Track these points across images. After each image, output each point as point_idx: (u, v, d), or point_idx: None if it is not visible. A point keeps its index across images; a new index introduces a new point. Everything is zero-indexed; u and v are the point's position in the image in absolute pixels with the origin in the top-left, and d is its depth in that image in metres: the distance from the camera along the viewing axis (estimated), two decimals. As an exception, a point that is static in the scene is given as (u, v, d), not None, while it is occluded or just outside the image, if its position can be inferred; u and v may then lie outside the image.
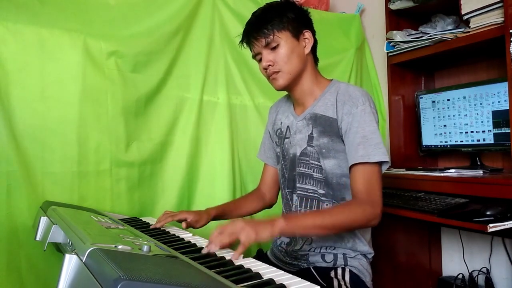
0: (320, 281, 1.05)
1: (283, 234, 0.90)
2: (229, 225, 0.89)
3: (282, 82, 1.12)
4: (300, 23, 1.13)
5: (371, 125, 1.05)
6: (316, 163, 1.13)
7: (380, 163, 1.05)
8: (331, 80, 1.20)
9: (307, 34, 1.14)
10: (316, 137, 1.14)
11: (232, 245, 0.89)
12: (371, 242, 1.17)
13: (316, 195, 1.14)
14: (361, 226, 1.06)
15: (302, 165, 1.16)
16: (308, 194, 1.15)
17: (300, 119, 1.19)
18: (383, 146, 1.04)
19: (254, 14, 1.15)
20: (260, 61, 1.14)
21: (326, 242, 1.12)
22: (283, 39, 1.09)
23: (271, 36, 1.08)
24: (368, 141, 1.03)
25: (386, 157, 1.03)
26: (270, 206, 1.38)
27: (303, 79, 1.15)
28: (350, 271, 1.08)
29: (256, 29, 1.10)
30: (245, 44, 1.17)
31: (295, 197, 1.19)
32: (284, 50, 1.09)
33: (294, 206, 1.19)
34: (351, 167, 1.06)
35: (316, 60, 1.20)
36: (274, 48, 1.10)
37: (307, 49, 1.14)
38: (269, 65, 1.10)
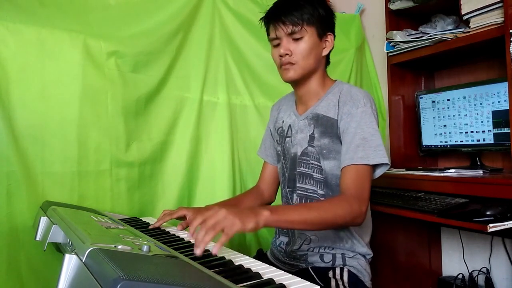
0: (318, 281, 1.05)
1: (267, 226, 0.86)
2: (210, 214, 0.78)
3: (293, 74, 1.11)
4: (327, 24, 1.13)
5: (371, 126, 1.05)
6: (316, 163, 1.13)
7: (374, 165, 1.05)
8: (335, 80, 1.20)
9: (330, 38, 1.14)
10: (317, 137, 1.13)
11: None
12: (370, 244, 1.16)
13: (316, 195, 1.14)
14: (347, 224, 1.02)
15: (302, 165, 1.16)
16: (308, 194, 1.15)
17: (302, 119, 1.19)
18: (383, 148, 1.04)
19: None
20: (276, 46, 1.12)
21: (325, 242, 1.12)
22: (309, 34, 1.08)
23: (300, 27, 1.07)
24: (368, 143, 1.03)
25: (385, 159, 1.03)
26: (268, 203, 1.37)
27: (312, 79, 1.15)
28: (349, 271, 1.08)
29: (286, 14, 1.07)
30: (264, 24, 1.14)
31: (295, 196, 1.19)
32: (306, 45, 1.09)
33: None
34: (346, 166, 1.04)
35: (327, 63, 1.20)
36: (297, 39, 1.08)
37: (325, 52, 1.14)
38: (287, 54, 1.09)
